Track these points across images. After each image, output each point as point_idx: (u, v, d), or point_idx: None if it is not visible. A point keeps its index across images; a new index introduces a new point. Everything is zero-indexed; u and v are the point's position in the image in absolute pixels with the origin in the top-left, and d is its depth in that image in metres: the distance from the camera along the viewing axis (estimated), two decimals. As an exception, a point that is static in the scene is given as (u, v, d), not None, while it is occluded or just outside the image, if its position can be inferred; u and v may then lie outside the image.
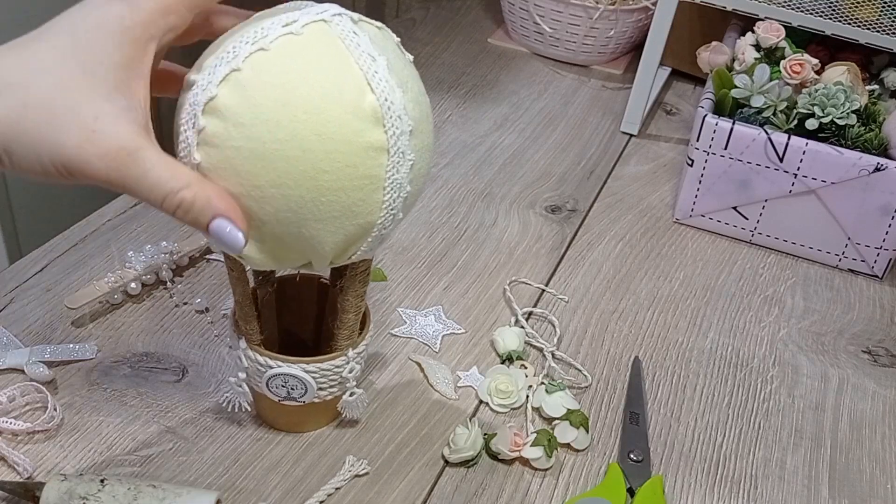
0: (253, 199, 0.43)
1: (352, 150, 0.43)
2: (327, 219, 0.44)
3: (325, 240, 0.45)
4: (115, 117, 0.39)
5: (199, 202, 0.41)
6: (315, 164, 0.42)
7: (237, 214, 0.42)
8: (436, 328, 0.71)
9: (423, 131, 0.47)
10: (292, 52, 0.43)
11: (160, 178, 0.40)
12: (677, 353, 0.72)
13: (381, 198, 0.45)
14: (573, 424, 0.62)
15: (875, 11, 0.83)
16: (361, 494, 0.57)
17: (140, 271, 0.69)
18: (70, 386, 0.62)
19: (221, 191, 0.42)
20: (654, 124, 1.04)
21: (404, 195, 0.46)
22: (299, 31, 0.43)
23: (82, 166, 0.39)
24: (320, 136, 0.42)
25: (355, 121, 0.43)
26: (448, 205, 0.86)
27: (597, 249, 0.83)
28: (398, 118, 0.44)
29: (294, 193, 0.43)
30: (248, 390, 0.57)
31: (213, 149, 0.43)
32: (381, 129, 0.43)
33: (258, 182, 0.43)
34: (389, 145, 0.44)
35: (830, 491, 0.62)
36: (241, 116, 0.42)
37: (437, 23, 1.23)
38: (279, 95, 0.42)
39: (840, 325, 0.77)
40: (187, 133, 0.43)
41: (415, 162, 0.46)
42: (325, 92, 0.42)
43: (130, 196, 0.41)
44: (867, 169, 0.77)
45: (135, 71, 0.41)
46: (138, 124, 0.40)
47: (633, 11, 1.10)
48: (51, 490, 0.51)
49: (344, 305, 0.55)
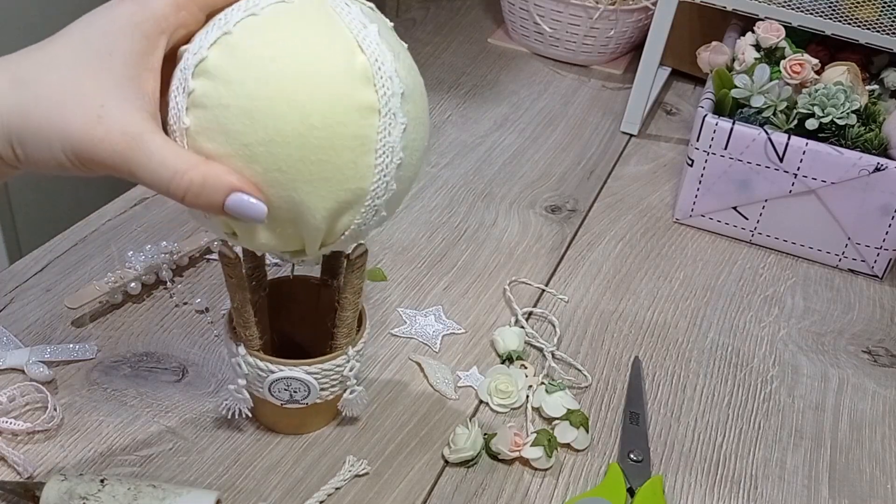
0: (242, 158, 0.42)
1: (341, 108, 0.42)
2: (317, 180, 0.43)
3: (317, 206, 0.44)
4: (122, 104, 0.40)
5: (209, 181, 0.41)
6: (304, 121, 0.42)
7: (250, 185, 0.42)
8: (436, 328, 0.71)
9: (416, 101, 0.46)
10: (283, 17, 0.43)
11: (165, 160, 0.40)
12: (677, 353, 0.72)
13: (372, 161, 0.44)
14: (573, 424, 0.62)
15: (875, 11, 0.83)
16: (361, 494, 0.57)
17: (140, 271, 0.69)
18: (70, 386, 0.62)
19: (228, 168, 0.42)
20: (654, 124, 1.04)
21: (397, 161, 0.45)
22: (291, 0, 0.43)
23: (89, 151, 0.40)
24: (309, 92, 0.42)
25: (345, 79, 0.43)
26: (448, 205, 0.86)
27: (597, 249, 0.83)
28: (389, 79, 0.43)
29: (283, 152, 0.42)
30: (248, 396, 0.57)
31: (202, 110, 0.43)
32: (371, 89, 0.43)
33: (247, 140, 0.42)
34: (380, 106, 0.43)
35: (830, 491, 0.62)
36: (229, 74, 0.42)
37: (437, 23, 1.23)
38: (268, 53, 0.42)
39: (840, 325, 0.77)
40: (177, 99, 0.43)
41: (407, 127, 0.45)
42: (315, 51, 0.42)
43: (139, 183, 0.41)
44: (867, 169, 0.77)
45: (145, 64, 0.42)
46: (146, 112, 0.41)
47: (633, 11, 1.10)
48: (51, 490, 0.51)
49: (342, 303, 0.55)
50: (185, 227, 0.78)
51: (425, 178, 0.89)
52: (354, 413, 0.60)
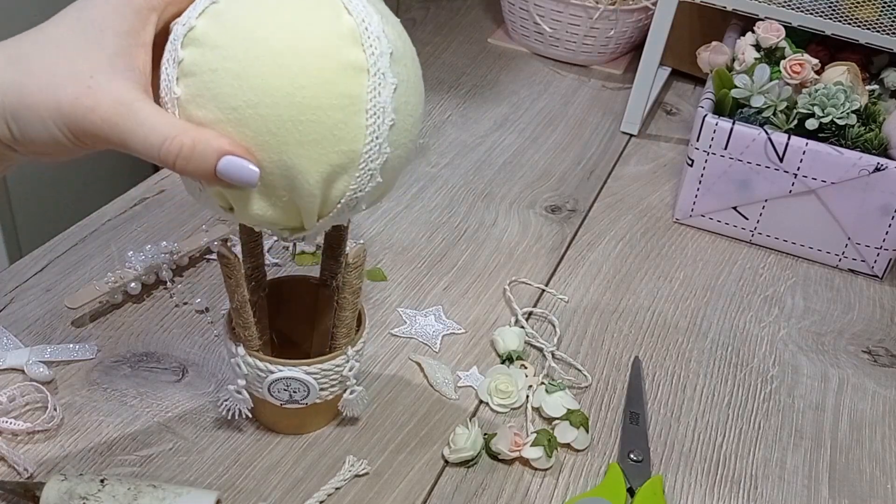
0: (232, 123, 0.42)
1: (329, 66, 0.42)
2: (308, 143, 0.43)
3: (309, 169, 0.44)
4: (112, 75, 0.41)
5: (199, 145, 0.41)
6: (292, 80, 0.42)
7: (241, 149, 0.42)
8: (436, 328, 0.71)
9: (407, 65, 0.46)
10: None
11: (155, 126, 0.40)
12: (677, 353, 0.72)
13: (363, 122, 0.44)
14: (573, 424, 0.62)
15: (875, 11, 0.83)
16: (361, 494, 0.57)
17: (140, 271, 0.69)
18: (70, 386, 0.62)
19: (219, 133, 0.42)
20: (654, 124, 1.04)
21: (389, 122, 0.44)
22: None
23: (80, 122, 0.40)
24: (296, 51, 0.42)
25: (332, 37, 0.43)
26: (448, 205, 0.86)
27: (597, 249, 0.83)
28: (377, 39, 0.43)
29: (272, 113, 0.42)
30: (247, 397, 0.57)
31: (192, 77, 0.43)
32: (359, 48, 0.43)
33: (235, 103, 0.42)
34: (369, 65, 0.43)
35: (830, 491, 0.62)
36: (216, 40, 0.42)
37: (437, 23, 1.23)
38: (255, 15, 0.42)
39: (840, 325, 0.77)
40: (168, 70, 0.43)
41: (398, 88, 0.44)
42: (301, 12, 0.43)
43: (131, 152, 0.41)
44: (867, 169, 0.77)
45: (136, 39, 0.42)
46: (137, 83, 0.41)
47: (633, 11, 1.10)
48: (51, 490, 0.51)
49: (341, 303, 0.55)
50: (185, 227, 0.78)
51: (425, 178, 0.90)
52: (354, 413, 0.60)
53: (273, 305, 0.61)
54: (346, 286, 0.54)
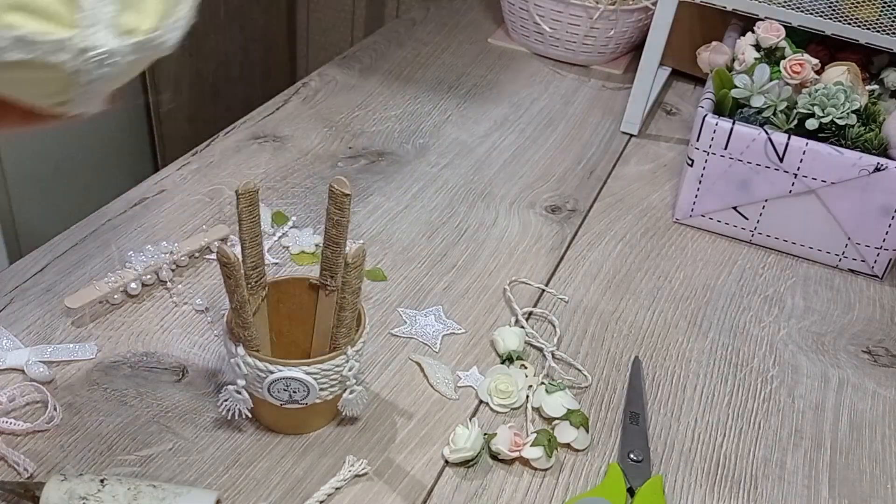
0: None
1: None
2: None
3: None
4: None
5: None
6: None
7: None
8: (436, 328, 0.71)
9: None
10: None
11: None
12: (677, 353, 0.72)
13: None
14: (573, 424, 0.62)
15: (875, 11, 0.83)
16: (361, 494, 0.57)
17: (140, 271, 0.69)
18: (70, 386, 0.62)
19: None
20: (654, 124, 1.04)
21: None
22: None
23: None
24: None
25: None
26: (448, 205, 0.86)
27: (597, 249, 0.83)
28: None
29: None
30: (247, 397, 0.57)
31: None
32: None
33: None
34: None
35: (830, 491, 0.62)
36: None
37: (437, 23, 1.23)
38: None
39: (840, 325, 0.77)
40: None
41: None
42: None
43: None
44: (867, 169, 0.77)
45: None
46: None
47: (633, 11, 1.10)
48: (51, 490, 0.51)
49: (341, 303, 0.55)
50: (185, 227, 0.78)
51: (425, 178, 0.90)
52: (354, 413, 0.60)
53: (273, 305, 0.61)
54: (346, 286, 0.54)
